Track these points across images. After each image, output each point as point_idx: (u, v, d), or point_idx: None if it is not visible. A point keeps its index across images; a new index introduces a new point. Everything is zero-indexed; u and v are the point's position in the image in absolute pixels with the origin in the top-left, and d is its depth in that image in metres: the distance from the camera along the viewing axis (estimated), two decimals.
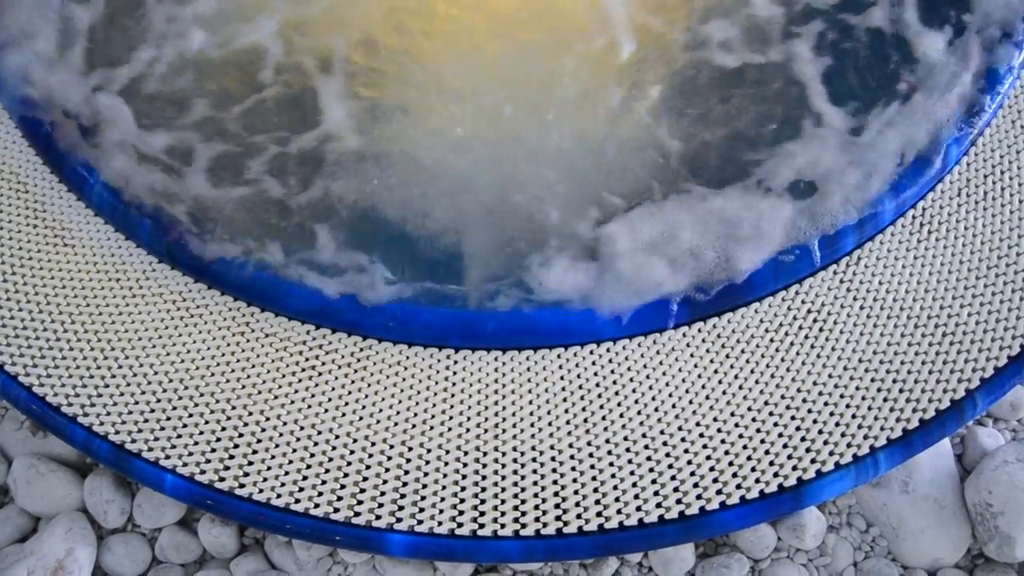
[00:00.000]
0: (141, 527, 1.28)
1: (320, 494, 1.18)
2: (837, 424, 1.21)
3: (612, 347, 1.29)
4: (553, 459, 1.20)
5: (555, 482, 1.18)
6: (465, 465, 1.20)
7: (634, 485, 1.17)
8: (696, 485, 1.17)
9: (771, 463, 1.18)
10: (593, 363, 1.28)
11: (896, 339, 1.28)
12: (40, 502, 1.27)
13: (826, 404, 1.23)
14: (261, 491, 1.18)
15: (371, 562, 1.22)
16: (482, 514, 1.16)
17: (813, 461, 1.18)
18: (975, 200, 1.40)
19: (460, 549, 1.14)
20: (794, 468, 1.18)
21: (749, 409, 1.23)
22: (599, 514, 1.15)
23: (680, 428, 1.22)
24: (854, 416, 1.21)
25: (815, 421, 1.21)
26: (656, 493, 1.17)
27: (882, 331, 1.29)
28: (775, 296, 1.32)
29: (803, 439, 1.20)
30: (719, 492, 1.16)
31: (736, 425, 1.22)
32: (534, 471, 1.19)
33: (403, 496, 1.18)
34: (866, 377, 1.25)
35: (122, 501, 1.26)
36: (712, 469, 1.18)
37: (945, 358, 1.26)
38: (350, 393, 1.27)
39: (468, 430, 1.23)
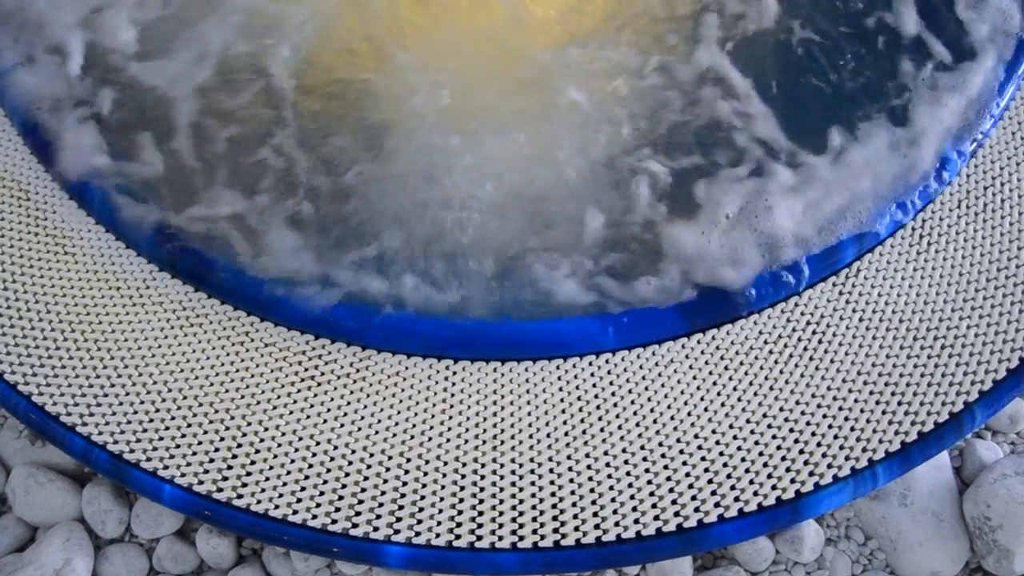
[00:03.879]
0: (139, 537, 1.28)
1: (318, 505, 1.18)
2: (835, 437, 1.21)
3: (611, 358, 1.29)
4: (551, 471, 1.20)
5: (553, 494, 1.18)
6: (463, 477, 1.20)
7: (632, 498, 1.17)
8: (694, 498, 1.17)
9: (769, 476, 1.18)
10: (592, 374, 1.28)
11: (895, 352, 1.28)
12: (38, 512, 1.27)
13: (824, 417, 1.23)
14: (259, 502, 1.18)
15: (369, 574, 1.22)
16: (480, 526, 1.16)
17: (811, 474, 1.18)
18: (975, 212, 1.40)
19: (457, 561, 1.14)
20: (792, 481, 1.17)
21: (748, 421, 1.23)
22: (597, 527, 1.15)
23: (679, 440, 1.22)
24: (852, 429, 1.21)
25: (813, 434, 1.21)
26: (654, 506, 1.16)
27: (881, 344, 1.29)
28: (774, 308, 1.32)
29: (801, 452, 1.20)
30: (717, 505, 1.16)
31: (735, 438, 1.21)
32: (532, 483, 1.19)
33: (401, 508, 1.18)
34: (864, 390, 1.25)
35: (120, 511, 1.26)
36: (710, 482, 1.18)
37: (944, 371, 1.26)
38: (349, 403, 1.27)
39: (466, 441, 1.23)
